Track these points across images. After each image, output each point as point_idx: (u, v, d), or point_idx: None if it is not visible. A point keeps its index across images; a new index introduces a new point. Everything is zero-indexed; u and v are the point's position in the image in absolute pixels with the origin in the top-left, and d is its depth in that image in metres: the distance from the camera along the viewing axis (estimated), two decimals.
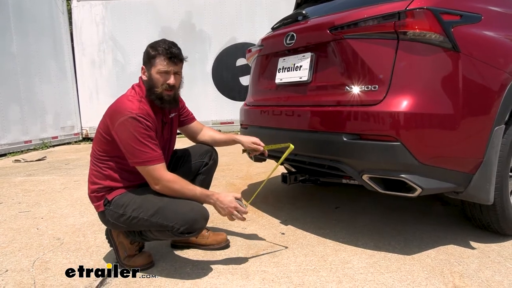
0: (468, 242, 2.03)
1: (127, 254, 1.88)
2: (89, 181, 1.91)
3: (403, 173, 1.77)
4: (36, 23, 7.13)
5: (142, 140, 1.69)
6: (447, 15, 1.78)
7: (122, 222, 1.78)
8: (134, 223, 1.76)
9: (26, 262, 2.01)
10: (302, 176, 2.58)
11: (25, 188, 3.75)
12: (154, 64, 1.80)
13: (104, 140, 1.80)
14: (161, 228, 1.73)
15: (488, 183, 1.86)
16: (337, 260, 1.90)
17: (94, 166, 1.88)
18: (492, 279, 1.66)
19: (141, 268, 1.85)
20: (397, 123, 1.73)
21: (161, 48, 1.78)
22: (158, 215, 1.71)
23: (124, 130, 1.69)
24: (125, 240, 1.90)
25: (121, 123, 1.70)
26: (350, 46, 1.94)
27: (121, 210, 1.76)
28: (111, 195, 1.81)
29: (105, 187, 1.83)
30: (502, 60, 1.93)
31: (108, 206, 1.80)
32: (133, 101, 1.76)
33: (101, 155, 1.83)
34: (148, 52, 1.81)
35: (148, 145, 1.71)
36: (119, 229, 1.87)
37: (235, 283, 1.71)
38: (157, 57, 1.79)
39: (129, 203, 1.76)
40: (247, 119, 2.80)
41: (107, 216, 1.81)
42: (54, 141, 7.51)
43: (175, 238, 1.82)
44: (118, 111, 1.73)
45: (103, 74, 8.14)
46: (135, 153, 1.70)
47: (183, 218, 1.69)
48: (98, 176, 1.85)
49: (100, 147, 1.83)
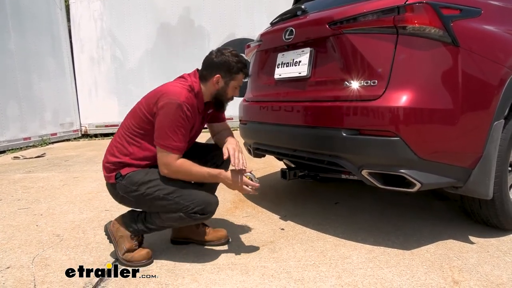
0: (467, 237, 2.04)
1: (126, 248, 1.88)
2: (108, 151, 1.94)
3: (403, 168, 1.76)
4: (34, 20, 7.09)
5: (175, 128, 1.77)
6: (446, 9, 1.77)
7: (133, 196, 1.84)
8: (146, 200, 1.82)
9: (26, 258, 2.01)
10: (301, 171, 2.58)
11: (24, 185, 3.75)
12: (235, 79, 1.93)
13: (145, 119, 1.84)
14: (175, 207, 1.79)
15: (487, 178, 1.86)
16: (337, 255, 1.90)
17: (120, 139, 1.90)
18: (491, 274, 1.66)
19: (140, 265, 1.86)
20: (396, 118, 1.73)
21: (244, 67, 1.93)
22: (175, 193, 1.79)
23: (166, 112, 1.77)
24: (125, 233, 1.90)
25: (166, 105, 1.77)
26: (349, 41, 1.93)
27: (135, 186, 1.82)
28: (125, 170, 1.86)
29: (123, 163, 1.87)
30: (501, 54, 1.92)
31: (120, 180, 1.84)
32: (183, 89, 1.83)
33: (137, 131, 1.87)
34: (232, 66, 1.90)
35: (178, 135, 1.78)
36: (127, 204, 1.92)
37: (235, 279, 1.71)
38: (240, 74, 1.93)
39: (145, 181, 1.82)
40: (246, 115, 2.80)
41: (118, 189, 1.86)
42: (53, 138, 7.50)
43: (185, 221, 1.84)
44: (167, 94, 1.80)
45: (101, 70, 8.11)
46: (163, 135, 1.77)
47: (199, 199, 1.81)
48: (121, 151, 1.89)
49: (138, 123, 1.87)
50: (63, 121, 7.83)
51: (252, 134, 2.71)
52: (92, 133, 8.28)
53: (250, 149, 2.76)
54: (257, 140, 2.65)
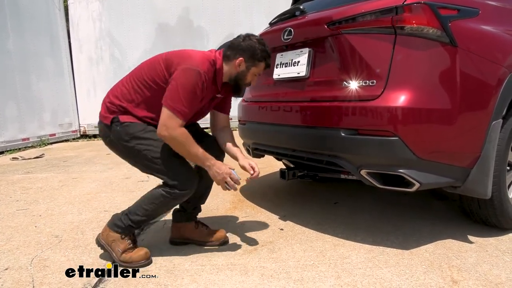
0: (466, 236, 2.04)
1: (121, 250, 1.88)
2: (112, 92, 1.95)
3: (401, 168, 1.77)
4: (33, 20, 7.08)
5: (188, 94, 1.77)
6: (444, 10, 1.78)
7: (122, 146, 1.87)
8: (133, 154, 1.86)
9: (24, 260, 2.01)
10: (300, 171, 2.58)
11: (23, 185, 3.74)
12: (256, 66, 1.93)
13: (161, 75, 1.84)
14: (156, 170, 1.84)
15: (486, 178, 1.86)
16: (336, 255, 1.91)
17: (127, 85, 1.91)
18: (490, 273, 1.66)
19: (139, 265, 1.85)
20: (395, 118, 1.73)
21: (267, 57, 1.94)
22: (162, 160, 1.82)
23: (184, 76, 1.77)
24: (115, 235, 1.90)
25: (186, 69, 1.77)
26: (347, 41, 1.93)
27: (128, 137, 1.84)
28: (124, 117, 1.86)
29: (124, 108, 1.88)
30: (499, 54, 1.92)
31: (116, 126, 1.85)
32: (206, 60, 1.85)
33: (148, 83, 1.86)
34: (257, 53, 1.90)
35: (188, 101, 1.77)
36: (113, 149, 1.95)
37: (234, 279, 1.71)
38: (262, 63, 1.94)
39: (139, 136, 1.84)
40: (245, 115, 2.80)
41: (110, 132, 1.87)
42: (52, 138, 7.49)
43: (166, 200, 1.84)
44: (190, 59, 1.81)
45: (100, 71, 8.11)
46: (175, 97, 1.76)
47: (182, 173, 1.84)
48: (125, 95, 1.89)
49: (151, 76, 1.86)
50: (61, 121, 7.83)
51: (251, 134, 2.71)
52: (91, 133, 8.27)
53: (249, 149, 2.76)
54: (256, 140, 2.65)
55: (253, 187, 3.29)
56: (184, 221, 2.11)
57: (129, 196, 3.16)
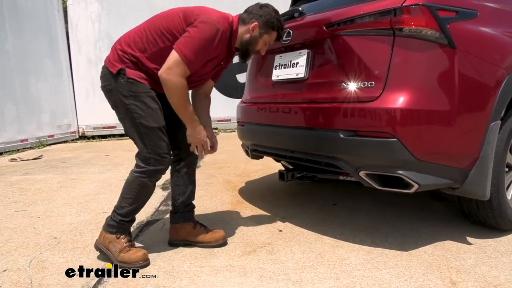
0: (465, 238, 2.04)
1: (118, 249, 1.87)
2: (124, 39, 1.92)
3: (400, 170, 1.77)
4: (31, 21, 7.08)
5: (202, 45, 1.75)
6: (443, 11, 1.78)
7: (118, 99, 1.85)
8: (124, 110, 1.85)
9: (23, 261, 2.00)
10: (299, 173, 2.58)
11: (21, 187, 3.73)
12: (269, 34, 1.95)
13: (178, 24, 1.82)
14: (136, 138, 1.86)
15: (485, 179, 1.86)
16: (335, 256, 1.90)
17: (141, 34, 1.88)
18: (489, 274, 1.66)
19: (137, 266, 1.84)
20: (393, 120, 1.73)
21: (281, 28, 1.97)
22: (146, 128, 1.83)
23: (203, 27, 1.76)
24: (111, 236, 1.91)
25: (207, 22, 1.77)
26: (346, 42, 1.94)
27: (128, 93, 1.82)
28: (131, 72, 1.84)
29: (136, 58, 1.84)
30: (497, 56, 1.93)
31: (121, 78, 1.83)
32: (225, 20, 1.86)
33: (164, 33, 1.83)
34: (272, 21, 1.93)
35: (201, 53, 1.77)
36: (109, 97, 1.92)
37: (233, 281, 1.71)
38: (275, 32, 1.96)
39: (139, 98, 1.82)
40: (243, 116, 2.80)
41: (114, 81, 1.85)
42: (51, 139, 7.48)
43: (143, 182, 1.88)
44: (210, 15, 1.82)
45: (99, 72, 8.04)
46: (188, 44, 1.74)
47: (158, 146, 1.85)
48: (137, 44, 1.85)
49: (168, 27, 1.83)
50: (60, 122, 7.82)
51: (249, 136, 2.71)
52: (90, 134, 8.26)
53: (248, 150, 2.76)
54: (254, 141, 2.65)
55: (252, 188, 3.29)
56: (182, 222, 2.10)
57: None
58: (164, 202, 2.97)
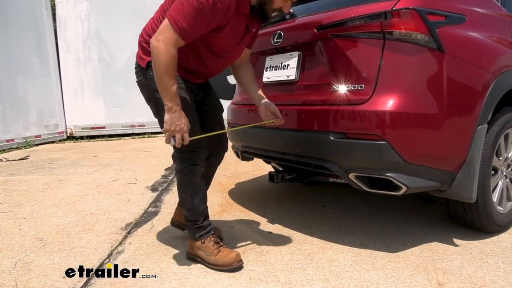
0: (452, 240, 2.07)
1: (209, 253, 1.85)
2: (145, 31, 1.83)
3: (389, 172, 1.78)
4: (19, 19, 6.96)
5: (193, 10, 1.54)
6: (432, 16, 1.80)
7: (150, 93, 1.81)
8: (155, 104, 1.80)
9: (8, 263, 1.96)
10: (289, 175, 2.58)
11: (6, 188, 3.66)
12: None
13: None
14: None
15: (471, 182, 1.89)
16: (324, 258, 1.91)
17: (156, 19, 1.79)
18: (474, 275, 1.69)
19: (232, 268, 1.81)
20: (383, 122, 1.75)
21: None
22: None
23: None
24: (196, 243, 1.88)
25: None
26: (337, 45, 1.95)
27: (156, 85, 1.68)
28: None
29: None
30: (485, 60, 1.96)
31: (150, 71, 1.71)
32: None
33: None
34: None
35: (192, 18, 1.56)
36: (143, 92, 1.88)
37: (222, 283, 1.70)
38: None
39: None
40: (234, 118, 2.79)
41: (144, 75, 1.81)
42: (38, 140, 7.36)
43: (189, 179, 1.86)
44: None
45: (88, 71, 8.00)
46: (178, 8, 1.57)
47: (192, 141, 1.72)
48: (155, 30, 1.66)
49: (173, 2, 1.70)
50: (47, 122, 7.70)
51: (240, 137, 2.71)
52: (78, 135, 8.15)
53: (238, 152, 2.76)
54: (245, 143, 2.65)
55: (242, 190, 3.28)
56: None
57: (116, 198, 3.12)
58: (153, 204, 2.95)
